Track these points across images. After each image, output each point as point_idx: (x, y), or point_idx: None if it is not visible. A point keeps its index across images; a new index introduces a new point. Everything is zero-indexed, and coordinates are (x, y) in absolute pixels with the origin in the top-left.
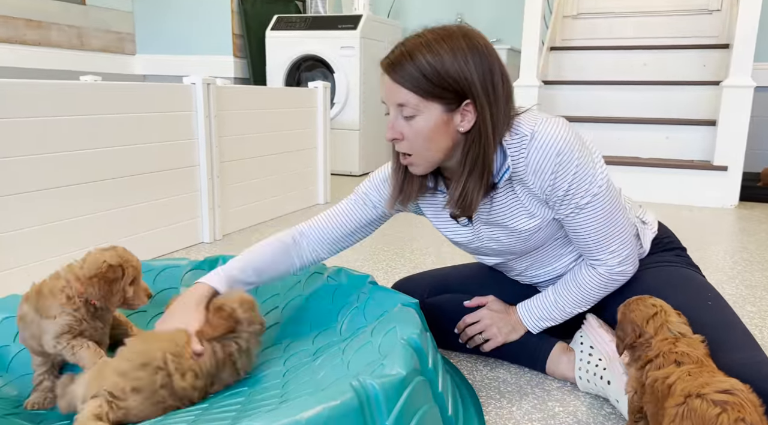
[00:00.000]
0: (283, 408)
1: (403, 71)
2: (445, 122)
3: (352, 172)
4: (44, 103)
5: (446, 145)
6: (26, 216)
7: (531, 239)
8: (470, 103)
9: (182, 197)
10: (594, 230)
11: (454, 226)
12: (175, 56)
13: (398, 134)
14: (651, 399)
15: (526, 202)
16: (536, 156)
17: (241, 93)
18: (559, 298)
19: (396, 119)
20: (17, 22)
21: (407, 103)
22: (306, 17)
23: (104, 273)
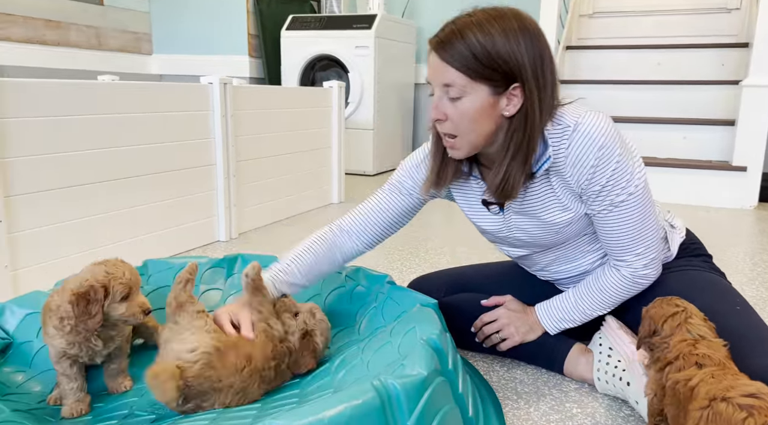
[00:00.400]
0: (305, 407)
1: (452, 50)
2: (491, 104)
3: (366, 171)
4: (63, 102)
5: (489, 128)
6: (45, 214)
7: (561, 233)
8: (518, 87)
9: (199, 195)
10: (624, 229)
11: (484, 213)
12: (191, 56)
13: (442, 115)
14: (672, 401)
15: (560, 194)
16: (578, 147)
17: (256, 93)
18: (580, 299)
19: (441, 99)
20: (37, 23)
21: (454, 83)
22: (321, 17)
23: (82, 294)
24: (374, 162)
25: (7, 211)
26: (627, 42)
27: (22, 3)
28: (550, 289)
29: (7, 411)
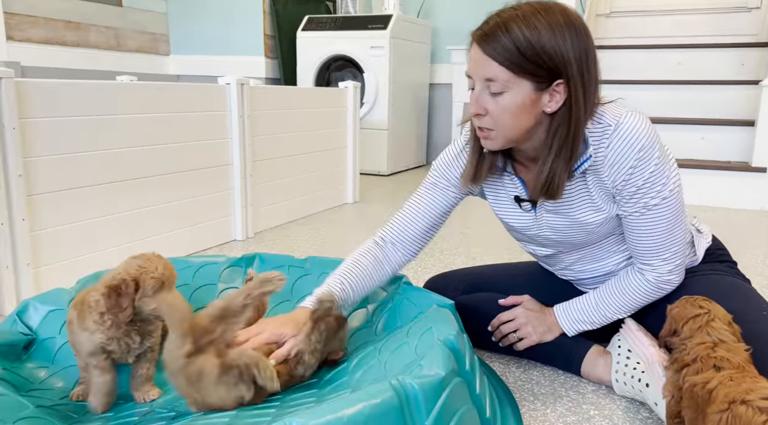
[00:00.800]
0: (324, 406)
1: (496, 44)
2: (533, 101)
3: (380, 171)
4: (84, 102)
5: (529, 124)
6: (66, 213)
7: (592, 233)
8: (562, 84)
9: (216, 195)
10: (654, 233)
11: (515, 211)
12: (207, 57)
13: (482, 110)
14: (690, 404)
15: (594, 195)
16: (618, 148)
17: (273, 93)
18: (601, 301)
19: (482, 93)
20: (57, 24)
21: (496, 78)
22: (336, 17)
23: (113, 287)
24: (389, 162)
25: (29, 209)
26: (645, 42)
27: (42, 5)
28: (569, 290)
29: (32, 406)
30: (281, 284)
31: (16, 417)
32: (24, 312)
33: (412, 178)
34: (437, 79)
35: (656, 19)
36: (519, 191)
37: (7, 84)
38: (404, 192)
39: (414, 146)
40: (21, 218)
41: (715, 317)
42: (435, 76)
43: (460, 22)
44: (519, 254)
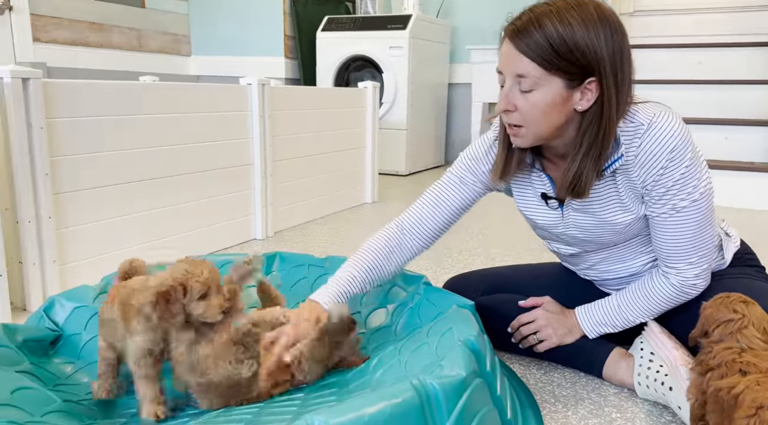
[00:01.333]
0: (345, 404)
1: (529, 39)
2: (564, 98)
3: (398, 172)
4: (108, 102)
5: (559, 122)
6: (91, 211)
7: (619, 233)
8: (594, 82)
9: (237, 194)
10: (682, 236)
11: (542, 208)
12: (228, 57)
13: (511, 106)
14: (715, 408)
15: (623, 195)
16: (649, 148)
17: (293, 93)
18: (623, 304)
19: (511, 90)
20: (81, 25)
21: (528, 74)
22: (356, 18)
23: (162, 293)
24: (407, 162)
25: (55, 208)
26: (667, 41)
27: (68, 6)
28: (590, 292)
29: (59, 401)
30: (249, 269)
31: (44, 411)
32: (50, 309)
33: (430, 178)
34: (456, 78)
35: (678, 18)
36: (546, 188)
37: (35, 84)
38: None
39: (433, 146)
40: (47, 216)
41: (749, 324)
42: (454, 76)
43: (480, 21)
44: (539, 255)
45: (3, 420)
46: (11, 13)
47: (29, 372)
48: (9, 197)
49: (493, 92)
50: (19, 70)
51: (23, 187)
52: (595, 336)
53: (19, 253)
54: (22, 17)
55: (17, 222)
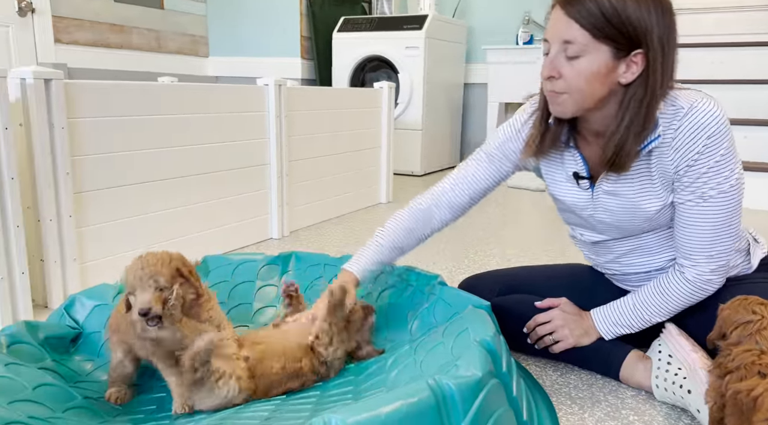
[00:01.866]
0: (361, 403)
1: (580, 7)
2: (610, 68)
3: (413, 172)
4: (128, 103)
5: (602, 93)
6: (111, 210)
7: (646, 221)
8: (640, 54)
9: (253, 194)
10: (705, 227)
11: (572, 188)
12: (245, 58)
13: (556, 72)
14: (734, 411)
15: (655, 180)
16: (687, 131)
17: (309, 94)
18: (639, 303)
19: (557, 56)
20: (102, 27)
21: (575, 40)
22: (372, 18)
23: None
24: (422, 162)
25: (76, 206)
26: (685, 40)
27: (89, 8)
28: (606, 294)
29: (79, 398)
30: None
31: (64, 407)
32: (71, 307)
33: None
34: (472, 79)
35: (697, 17)
36: (579, 167)
37: (57, 85)
38: None
39: (448, 146)
40: (68, 214)
41: None
42: (470, 76)
43: (496, 21)
44: (555, 257)
45: (25, 415)
46: (33, 15)
47: (51, 368)
48: (31, 196)
49: (509, 92)
50: (42, 71)
51: (45, 186)
52: (612, 337)
53: (41, 251)
54: (44, 19)
55: (39, 221)
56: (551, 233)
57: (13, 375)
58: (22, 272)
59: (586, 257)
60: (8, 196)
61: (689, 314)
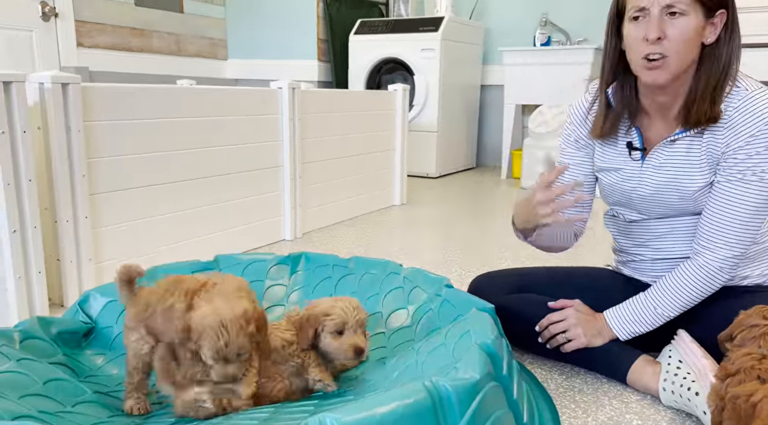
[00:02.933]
0: (358, 403)
1: None
2: (701, 28)
3: (428, 174)
4: (144, 106)
5: (693, 56)
6: (126, 211)
7: (686, 200)
8: (722, 13)
9: (266, 196)
10: (733, 210)
11: (624, 159)
12: (263, 61)
13: (662, 33)
14: (732, 416)
15: (703, 157)
16: (746, 112)
17: (323, 96)
18: (650, 297)
19: (661, 17)
20: (123, 31)
21: (679, 1)
22: (388, 21)
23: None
24: (437, 164)
25: (91, 208)
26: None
27: (111, 13)
28: (620, 297)
29: (89, 392)
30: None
31: (74, 401)
32: (85, 302)
33: (460, 180)
34: (489, 80)
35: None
36: (633, 138)
37: (74, 89)
38: (452, 194)
39: (464, 149)
40: (84, 215)
41: None
42: (487, 78)
43: (513, 22)
44: (567, 260)
45: (35, 409)
46: (57, 19)
47: (62, 363)
48: (48, 198)
49: (525, 94)
50: (59, 75)
51: (62, 188)
52: (626, 335)
53: (57, 251)
54: (67, 23)
55: (56, 221)
56: None
57: (25, 369)
58: (38, 271)
59: (615, 244)
60: (26, 197)
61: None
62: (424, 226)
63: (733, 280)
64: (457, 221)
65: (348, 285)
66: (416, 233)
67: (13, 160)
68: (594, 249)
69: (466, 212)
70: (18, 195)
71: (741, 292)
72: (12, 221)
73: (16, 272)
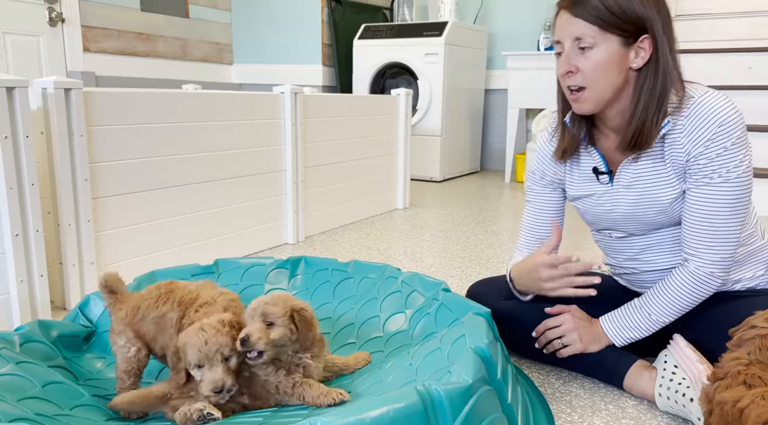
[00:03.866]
0: (349, 407)
1: (585, 5)
2: (621, 56)
3: (432, 177)
4: (145, 111)
5: (618, 81)
6: (128, 215)
7: (663, 213)
8: (647, 39)
9: (269, 200)
10: (707, 214)
11: (593, 184)
12: (268, 65)
13: (572, 67)
14: (719, 421)
15: (668, 169)
16: (699, 117)
17: (325, 101)
18: (645, 303)
19: (571, 51)
20: (129, 36)
21: (585, 35)
22: (392, 25)
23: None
24: (441, 168)
25: (94, 212)
26: (713, 45)
27: (117, 18)
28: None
29: (87, 395)
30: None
31: (72, 405)
32: (86, 306)
33: (464, 184)
34: (493, 85)
35: (725, 22)
36: (597, 162)
37: (77, 94)
38: (455, 198)
39: (468, 153)
40: (86, 219)
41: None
42: (491, 82)
43: (517, 27)
44: None
45: (32, 412)
46: (63, 25)
47: (62, 366)
48: (51, 201)
49: (528, 98)
50: (62, 81)
51: (64, 192)
52: (622, 341)
53: (60, 254)
54: (74, 29)
55: (58, 225)
56: (566, 242)
57: (24, 373)
58: (41, 274)
59: (607, 259)
60: (28, 201)
61: (692, 323)
62: (426, 230)
63: (725, 284)
64: (460, 224)
65: (346, 289)
66: (419, 236)
67: (15, 164)
68: (594, 249)
69: (469, 216)
70: (21, 199)
71: (735, 297)
72: (14, 225)
73: (18, 275)
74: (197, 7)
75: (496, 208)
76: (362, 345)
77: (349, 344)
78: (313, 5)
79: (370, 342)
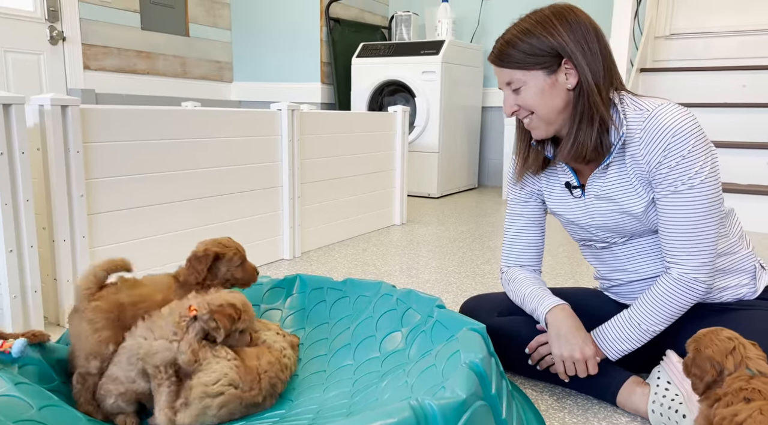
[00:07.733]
0: (342, 422)
1: (504, 56)
2: (552, 83)
3: (430, 194)
4: (141, 128)
5: (559, 104)
6: (124, 231)
7: (638, 221)
8: (568, 61)
9: (266, 215)
10: (680, 222)
11: (567, 198)
12: (268, 83)
13: (514, 107)
14: None
15: (634, 180)
16: (652, 129)
17: (322, 118)
18: (634, 313)
19: (509, 95)
20: (129, 54)
21: (513, 79)
22: (390, 44)
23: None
24: (439, 185)
25: (89, 228)
26: (707, 64)
27: (117, 36)
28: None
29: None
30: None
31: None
32: None
33: (461, 200)
34: (490, 102)
35: (719, 40)
36: (569, 177)
37: (73, 111)
38: (452, 214)
39: (465, 169)
40: (82, 235)
41: (747, 345)
42: (487, 100)
43: None
44: (563, 281)
45: None
46: (64, 43)
47: (59, 390)
48: (46, 217)
49: None
50: (59, 98)
51: (60, 207)
52: (615, 354)
53: (54, 270)
54: (74, 47)
55: (53, 241)
56: (559, 258)
57: (21, 394)
58: (35, 290)
59: (596, 272)
60: (23, 217)
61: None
62: (423, 246)
63: (711, 293)
64: (457, 240)
65: (342, 308)
66: (415, 252)
67: (11, 180)
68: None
69: (465, 232)
70: (15, 215)
71: (724, 310)
72: (8, 241)
73: (12, 291)
74: (197, 26)
75: (493, 224)
76: (359, 366)
77: (346, 365)
78: (312, 24)
79: (366, 362)
